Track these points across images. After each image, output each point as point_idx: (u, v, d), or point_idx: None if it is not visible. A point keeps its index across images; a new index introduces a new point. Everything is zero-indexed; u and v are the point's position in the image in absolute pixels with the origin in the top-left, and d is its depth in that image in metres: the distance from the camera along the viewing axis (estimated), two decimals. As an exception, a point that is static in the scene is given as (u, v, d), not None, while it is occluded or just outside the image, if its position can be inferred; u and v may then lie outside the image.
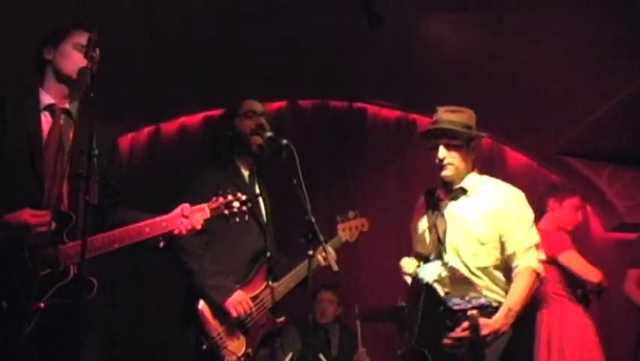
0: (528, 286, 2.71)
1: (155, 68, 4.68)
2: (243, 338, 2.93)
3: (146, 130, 5.72)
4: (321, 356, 4.41)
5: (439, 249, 2.83)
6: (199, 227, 2.48)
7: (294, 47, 4.82)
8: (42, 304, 2.20)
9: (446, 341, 2.61)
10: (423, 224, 2.98)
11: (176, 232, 2.44)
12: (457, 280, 2.79)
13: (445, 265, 2.80)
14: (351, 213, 3.48)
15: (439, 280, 2.78)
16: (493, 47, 4.65)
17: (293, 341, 4.31)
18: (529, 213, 2.84)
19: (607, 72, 4.54)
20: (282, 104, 5.84)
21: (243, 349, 2.90)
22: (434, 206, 2.93)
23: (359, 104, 5.94)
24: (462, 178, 2.88)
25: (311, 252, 2.70)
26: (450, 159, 2.81)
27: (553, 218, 4.12)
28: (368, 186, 5.66)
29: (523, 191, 2.92)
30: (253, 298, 2.98)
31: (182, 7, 4.16)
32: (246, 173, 3.19)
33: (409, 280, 2.87)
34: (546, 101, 5.06)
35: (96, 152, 2.13)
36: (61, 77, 2.47)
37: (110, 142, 2.62)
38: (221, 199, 2.54)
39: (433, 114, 2.93)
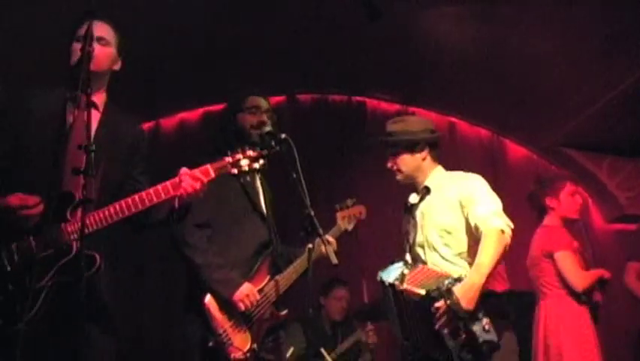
0: (493, 243, 2.71)
1: (153, 64, 4.66)
2: (248, 333, 2.88)
3: (145, 126, 5.70)
4: (323, 351, 4.40)
5: (406, 250, 3.03)
6: (198, 187, 2.34)
7: (292, 41, 4.80)
8: (48, 283, 2.16)
9: (438, 325, 2.58)
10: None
11: (179, 193, 2.32)
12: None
13: (406, 263, 2.96)
14: (349, 201, 3.45)
15: (402, 278, 2.83)
16: (491, 39, 4.64)
17: (295, 336, 4.28)
18: (479, 185, 2.94)
19: (606, 63, 4.53)
20: (281, 98, 5.81)
21: (249, 344, 2.85)
22: (409, 212, 3.11)
23: (358, 98, 5.92)
24: (424, 177, 3.06)
25: (311, 245, 2.69)
26: (396, 165, 3.07)
27: (557, 214, 4.09)
28: (368, 180, 5.65)
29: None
30: (258, 292, 2.94)
31: (180, 3, 4.15)
32: None
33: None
34: (545, 93, 5.05)
35: (94, 147, 2.05)
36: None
37: (135, 133, 2.58)
38: (227, 158, 2.40)
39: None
